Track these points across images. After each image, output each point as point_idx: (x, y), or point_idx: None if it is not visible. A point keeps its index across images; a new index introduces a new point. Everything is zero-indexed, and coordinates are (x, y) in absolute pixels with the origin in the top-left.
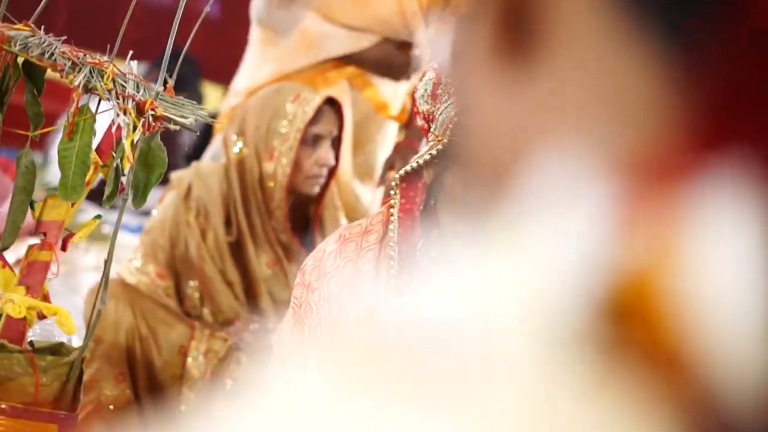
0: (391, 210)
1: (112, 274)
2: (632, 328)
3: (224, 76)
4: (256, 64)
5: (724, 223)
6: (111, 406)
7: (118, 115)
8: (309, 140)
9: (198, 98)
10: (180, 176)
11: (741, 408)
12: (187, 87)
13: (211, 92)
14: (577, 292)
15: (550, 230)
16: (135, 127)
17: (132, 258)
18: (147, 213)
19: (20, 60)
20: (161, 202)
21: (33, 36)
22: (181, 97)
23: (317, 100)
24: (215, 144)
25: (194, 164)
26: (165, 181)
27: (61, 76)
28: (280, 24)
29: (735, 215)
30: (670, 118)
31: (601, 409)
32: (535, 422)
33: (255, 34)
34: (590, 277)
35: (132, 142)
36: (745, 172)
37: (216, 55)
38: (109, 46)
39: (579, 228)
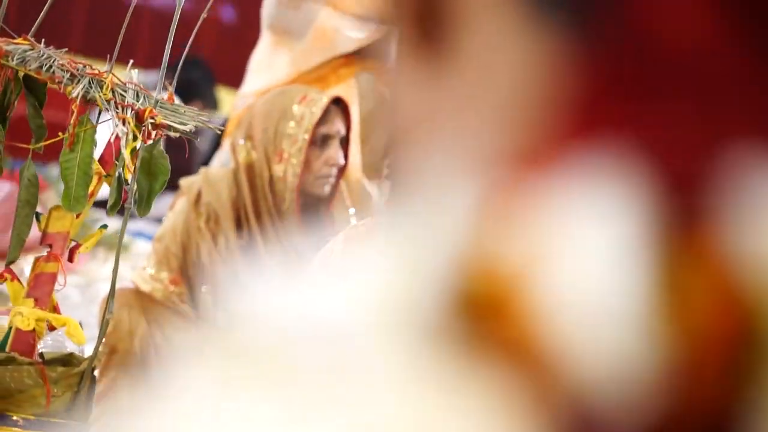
0: None
1: (128, 283)
2: (495, 324)
3: (241, 80)
4: (267, 67)
5: (592, 217)
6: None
7: (117, 125)
8: (318, 141)
9: (213, 103)
10: (189, 182)
11: (605, 404)
12: (201, 92)
13: (227, 97)
14: (440, 288)
15: (420, 226)
16: (135, 136)
17: (145, 266)
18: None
19: (21, 74)
20: (172, 209)
21: (32, 50)
22: (182, 104)
23: (324, 100)
24: (225, 148)
25: (203, 170)
26: (176, 187)
27: (60, 89)
28: (293, 24)
29: (605, 208)
30: (560, 109)
31: (465, 407)
32: (403, 421)
33: (266, 37)
34: (455, 273)
35: (133, 150)
36: (619, 165)
37: (232, 59)
38: (108, 55)
39: (446, 224)
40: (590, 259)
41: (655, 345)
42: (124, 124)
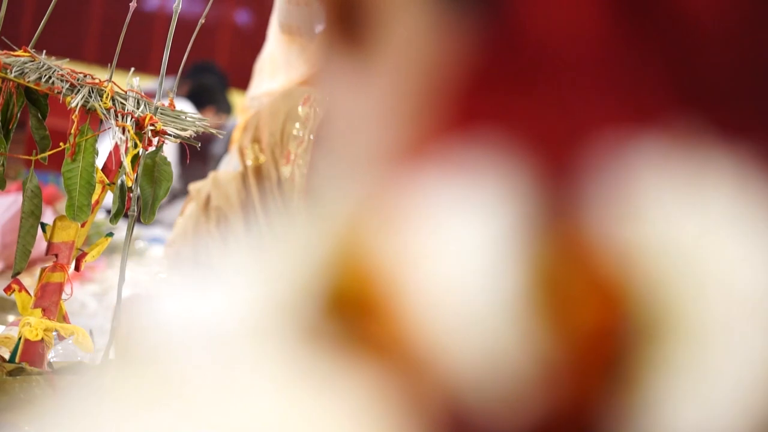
0: None
1: (140, 290)
2: (370, 323)
3: None
4: (280, 68)
5: (467, 212)
6: None
7: (116, 133)
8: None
9: (226, 108)
10: (198, 187)
11: (481, 403)
12: (215, 98)
13: (241, 101)
14: (315, 288)
15: (297, 226)
16: (137, 144)
17: (158, 271)
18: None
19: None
20: (182, 214)
21: (32, 61)
22: (183, 110)
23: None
24: (233, 152)
25: (212, 174)
26: (186, 192)
27: (60, 100)
28: (302, 22)
29: (480, 203)
30: (442, 104)
31: (341, 407)
32: (279, 421)
33: (277, 37)
34: (329, 273)
35: (135, 157)
36: (495, 159)
37: (247, 63)
38: (109, 64)
39: (322, 223)
40: (465, 255)
41: (533, 341)
42: (124, 132)
